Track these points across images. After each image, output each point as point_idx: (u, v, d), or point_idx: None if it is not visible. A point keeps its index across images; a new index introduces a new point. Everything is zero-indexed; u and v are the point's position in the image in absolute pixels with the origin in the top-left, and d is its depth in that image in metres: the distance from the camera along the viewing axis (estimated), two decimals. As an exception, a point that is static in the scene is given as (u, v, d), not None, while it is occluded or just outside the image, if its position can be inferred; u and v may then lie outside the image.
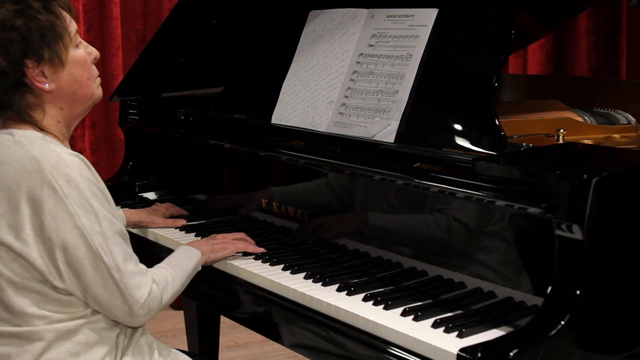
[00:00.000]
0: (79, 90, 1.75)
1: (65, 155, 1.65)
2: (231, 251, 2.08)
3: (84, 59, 1.76)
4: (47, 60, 1.68)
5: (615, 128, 2.42)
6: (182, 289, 1.90)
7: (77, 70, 1.74)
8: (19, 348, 1.68)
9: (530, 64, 4.75)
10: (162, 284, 1.78)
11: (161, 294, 1.77)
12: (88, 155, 4.11)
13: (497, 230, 1.69)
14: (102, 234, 1.65)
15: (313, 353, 1.81)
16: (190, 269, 1.93)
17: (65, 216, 1.62)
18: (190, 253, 1.98)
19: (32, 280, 1.65)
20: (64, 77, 1.72)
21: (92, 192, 1.65)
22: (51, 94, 1.71)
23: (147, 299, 1.71)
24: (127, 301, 1.68)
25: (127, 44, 4.17)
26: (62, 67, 1.71)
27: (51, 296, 1.67)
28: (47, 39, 1.68)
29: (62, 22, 1.71)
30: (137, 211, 2.39)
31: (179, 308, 4.13)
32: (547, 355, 1.44)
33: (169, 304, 1.84)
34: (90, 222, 1.63)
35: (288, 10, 2.52)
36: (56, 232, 1.62)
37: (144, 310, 1.72)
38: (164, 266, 1.87)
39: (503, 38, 1.96)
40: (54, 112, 1.73)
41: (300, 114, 2.24)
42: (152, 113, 2.72)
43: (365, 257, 1.98)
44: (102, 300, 1.68)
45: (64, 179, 1.62)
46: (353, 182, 2.00)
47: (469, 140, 1.88)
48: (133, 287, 1.69)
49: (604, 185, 1.51)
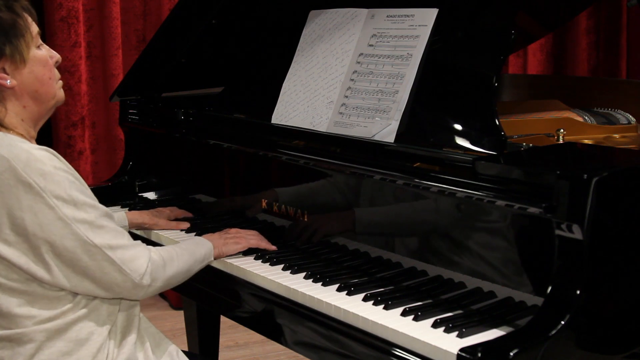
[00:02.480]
0: (41, 89, 1.75)
1: (34, 151, 1.65)
2: (243, 246, 2.08)
3: (46, 59, 1.77)
4: (9, 56, 1.70)
5: (615, 128, 2.42)
6: (190, 273, 1.91)
7: (39, 68, 1.75)
8: (10, 351, 1.68)
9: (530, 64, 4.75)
10: (164, 255, 1.80)
11: (164, 264, 1.78)
12: (88, 155, 4.11)
13: (497, 230, 1.69)
14: (86, 220, 1.66)
15: (313, 353, 1.81)
16: (199, 254, 1.94)
17: (46, 210, 1.62)
18: (200, 241, 2.01)
19: (17, 281, 1.66)
20: (25, 74, 1.73)
21: (68, 182, 1.66)
22: (13, 91, 1.72)
23: (147, 268, 1.73)
24: (128, 275, 1.70)
25: (127, 44, 4.17)
26: (23, 64, 1.72)
27: (38, 294, 1.67)
28: (8, 35, 1.69)
29: (24, 21, 1.73)
30: (140, 213, 2.39)
31: (179, 308, 4.14)
32: (547, 355, 1.44)
33: (175, 283, 1.85)
34: (71, 211, 1.64)
35: (288, 10, 2.52)
36: (40, 228, 1.63)
37: (147, 279, 1.73)
38: (170, 245, 1.91)
39: (503, 38, 1.96)
40: (17, 109, 1.74)
41: (300, 113, 2.24)
42: (152, 113, 2.72)
43: (365, 257, 1.98)
44: (103, 282, 1.69)
45: (37, 174, 1.62)
46: (353, 182, 2.00)
47: (469, 140, 1.88)
48: (129, 259, 1.70)
49: (604, 185, 1.51)
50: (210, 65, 2.78)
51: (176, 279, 1.85)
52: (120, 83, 2.80)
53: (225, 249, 2.05)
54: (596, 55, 4.82)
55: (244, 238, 2.10)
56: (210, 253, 2.00)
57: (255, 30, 2.67)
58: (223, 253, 2.05)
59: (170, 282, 1.83)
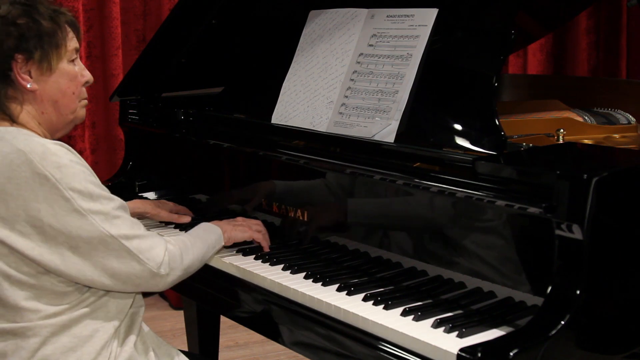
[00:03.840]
0: (61, 100, 1.77)
1: (50, 145, 1.67)
2: (249, 235, 2.10)
3: (75, 75, 1.79)
4: (37, 60, 1.72)
5: (615, 128, 2.42)
6: (205, 259, 1.93)
7: (65, 81, 1.77)
8: (15, 345, 1.69)
9: (530, 64, 4.75)
10: (179, 245, 1.82)
11: (181, 254, 1.80)
12: (88, 155, 4.11)
13: (497, 230, 1.69)
14: (102, 211, 1.67)
15: (313, 353, 1.81)
16: (210, 240, 1.96)
17: (62, 202, 1.64)
18: (210, 227, 2.02)
19: (27, 274, 1.67)
20: (49, 83, 1.75)
21: (83, 175, 1.67)
22: (33, 95, 1.74)
23: (164, 258, 1.74)
24: (146, 264, 1.71)
25: (127, 44, 4.17)
26: (49, 72, 1.74)
27: (47, 289, 1.68)
28: (42, 41, 1.72)
29: (63, 34, 1.76)
30: (143, 202, 2.39)
31: (179, 308, 4.14)
32: (547, 355, 1.44)
33: (192, 271, 1.87)
34: (87, 203, 1.66)
35: (288, 10, 2.52)
36: (56, 219, 1.64)
37: (165, 269, 1.75)
38: (181, 234, 1.93)
39: (503, 38, 1.96)
40: (35, 113, 1.76)
41: (300, 113, 2.24)
42: (152, 113, 2.72)
43: (365, 257, 1.98)
44: (121, 274, 1.70)
45: (53, 167, 1.64)
46: (353, 182, 2.00)
47: (469, 140, 1.88)
48: (146, 249, 1.72)
49: (604, 185, 1.51)
50: (210, 65, 2.77)
51: (193, 267, 1.86)
52: (120, 83, 2.80)
53: (233, 234, 2.07)
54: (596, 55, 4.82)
55: (250, 228, 2.11)
56: (220, 238, 2.02)
57: (255, 30, 2.67)
58: (232, 238, 2.07)
59: (188, 271, 1.84)
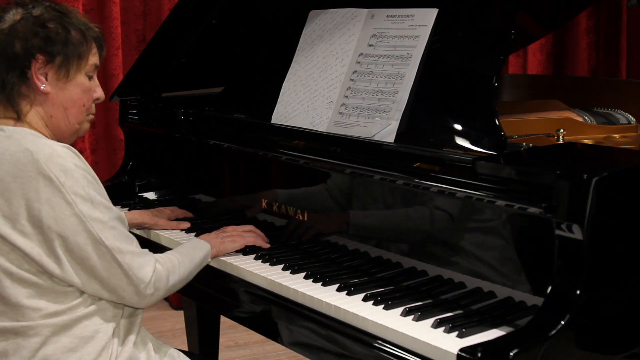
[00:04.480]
0: (70, 109, 1.79)
1: (57, 147, 1.69)
2: (240, 244, 2.11)
3: (89, 88, 1.82)
4: (56, 65, 1.75)
5: (615, 128, 2.42)
6: (190, 277, 1.93)
7: (78, 92, 1.80)
8: (16, 344, 1.70)
9: (530, 64, 4.75)
10: (167, 265, 1.83)
11: (167, 275, 1.81)
12: (88, 155, 4.11)
13: (497, 230, 1.69)
14: (100, 219, 1.69)
15: (313, 353, 1.81)
16: (198, 258, 1.97)
17: (63, 204, 1.65)
18: (199, 244, 2.02)
19: (29, 272, 1.68)
20: (62, 90, 1.77)
21: (87, 181, 1.69)
22: (45, 97, 1.76)
23: (152, 278, 1.76)
24: (133, 281, 1.72)
25: (127, 44, 4.17)
26: (65, 79, 1.77)
27: (48, 287, 1.69)
28: (66, 48, 1.75)
29: (87, 48, 1.80)
30: (140, 212, 2.39)
31: (179, 308, 4.13)
32: (547, 355, 1.44)
33: (175, 290, 1.88)
34: (87, 209, 1.67)
35: (288, 10, 2.52)
36: (55, 221, 1.65)
37: (151, 289, 1.76)
38: (170, 252, 1.93)
39: (503, 38, 1.96)
40: (43, 115, 1.77)
41: (300, 113, 2.24)
42: (152, 113, 2.72)
43: (365, 257, 1.98)
44: (108, 284, 1.71)
45: (59, 169, 1.66)
46: (353, 182, 2.00)
47: (469, 140, 1.88)
48: (137, 267, 1.73)
49: (604, 185, 1.51)
50: (210, 65, 2.77)
51: (177, 287, 1.88)
52: (120, 83, 2.80)
53: (222, 247, 2.08)
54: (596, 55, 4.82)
55: (241, 236, 2.12)
56: (207, 255, 2.03)
57: (255, 30, 2.67)
58: (220, 252, 2.07)
59: (170, 291, 1.86)
